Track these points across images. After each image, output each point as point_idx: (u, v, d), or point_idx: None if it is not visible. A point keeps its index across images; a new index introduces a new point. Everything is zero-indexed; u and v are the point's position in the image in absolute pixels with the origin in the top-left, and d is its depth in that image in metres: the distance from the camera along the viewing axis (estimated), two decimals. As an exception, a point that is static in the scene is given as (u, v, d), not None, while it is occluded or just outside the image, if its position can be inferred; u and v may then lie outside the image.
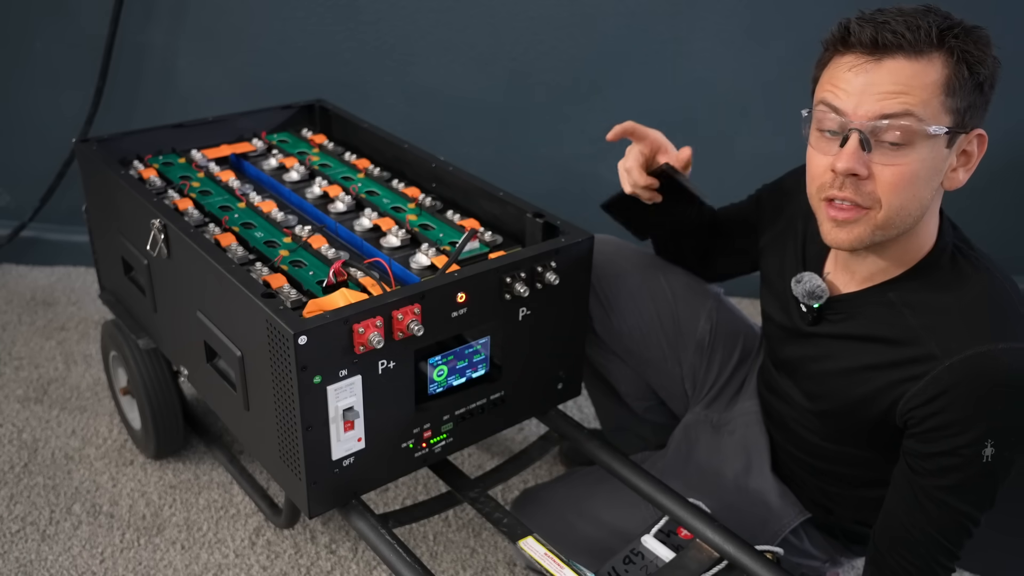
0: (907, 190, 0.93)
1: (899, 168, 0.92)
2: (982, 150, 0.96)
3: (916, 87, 0.90)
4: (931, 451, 0.95)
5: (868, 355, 1.01)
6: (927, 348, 0.95)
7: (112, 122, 2.01)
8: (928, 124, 0.90)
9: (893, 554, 1.00)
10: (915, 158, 0.91)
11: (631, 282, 1.32)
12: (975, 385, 0.91)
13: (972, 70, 0.90)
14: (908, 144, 0.91)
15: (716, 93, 1.99)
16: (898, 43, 0.90)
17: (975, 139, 0.95)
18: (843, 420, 1.07)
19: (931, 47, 0.90)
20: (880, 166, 0.92)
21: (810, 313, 1.08)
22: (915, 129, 0.90)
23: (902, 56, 0.90)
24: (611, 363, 1.39)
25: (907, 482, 0.98)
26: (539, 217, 1.25)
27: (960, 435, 0.93)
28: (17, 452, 1.62)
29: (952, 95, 0.90)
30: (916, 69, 0.90)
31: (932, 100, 0.90)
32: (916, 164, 0.91)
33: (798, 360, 1.12)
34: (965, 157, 0.96)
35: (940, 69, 0.90)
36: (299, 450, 1.03)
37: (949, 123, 0.91)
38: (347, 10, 1.94)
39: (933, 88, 0.90)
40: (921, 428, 0.95)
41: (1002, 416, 0.92)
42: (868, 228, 0.95)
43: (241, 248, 1.25)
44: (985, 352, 0.91)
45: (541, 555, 1.07)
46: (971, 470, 0.94)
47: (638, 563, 1.10)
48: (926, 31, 0.89)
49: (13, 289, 2.13)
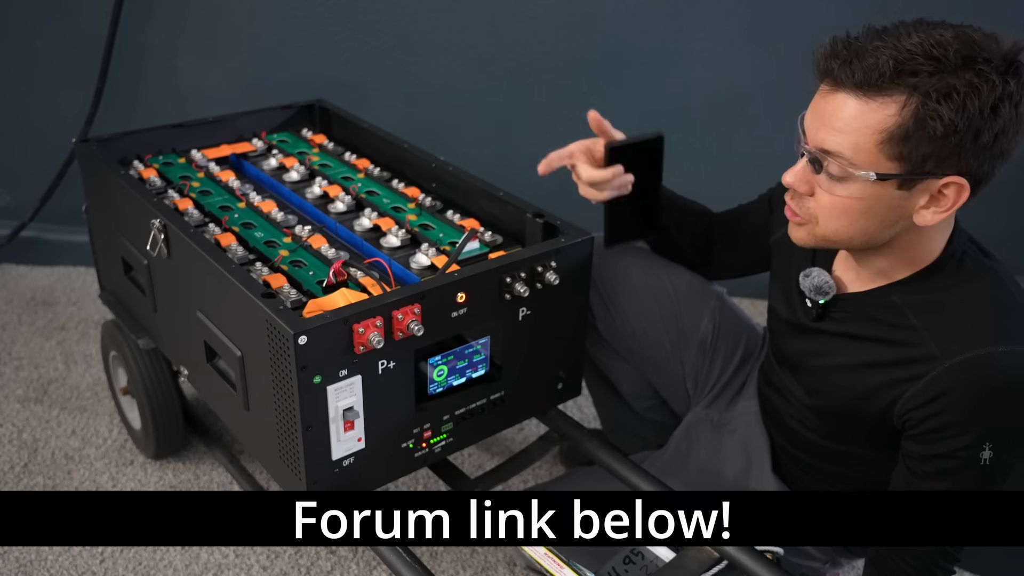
0: (841, 217, 0.94)
1: (833, 198, 0.93)
2: (960, 197, 0.90)
3: (854, 129, 0.88)
4: (929, 453, 0.95)
5: (869, 354, 1.01)
6: (927, 349, 0.95)
7: (112, 122, 2.01)
8: (858, 169, 0.89)
9: (893, 555, 1.01)
10: (850, 193, 0.92)
11: (634, 280, 1.32)
12: (974, 387, 0.91)
13: (922, 123, 0.85)
14: (844, 179, 0.91)
15: (716, 93, 1.99)
16: (849, 80, 0.88)
17: (951, 185, 0.89)
18: (841, 418, 1.07)
19: (882, 90, 0.86)
20: (820, 190, 0.94)
21: (815, 308, 1.08)
22: (844, 169, 0.90)
23: (852, 94, 0.88)
24: (613, 362, 1.39)
25: (906, 484, 0.98)
26: (539, 217, 1.25)
27: (958, 437, 0.92)
28: (17, 452, 1.62)
29: (898, 143, 0.87)
30: (861, 110, 0.87)
31: (868, 145, 0.88)
32: (850, 200, 0.92)
33: (800, 355, 1.12)
34: (941, 197, 0.90)
35: (889, 114, 0.86)
36: (299, 450, 1.03)
37: (893, 169, 0.88)
38: (347, 10, 1.94)
39: (872, 133, 0.87)
40: (919, 429, 0.95)
41: (1001, 419, 0.92)
42: (810, 236, 0.99)
43: (241, 248, 1.25)
44: (985, 354, 0.91)
45: (541, 555, 1.07)
46: (969, 473, 0.93)
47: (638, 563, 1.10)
48: (880, 73, 0.85)
49: (13, 289, 2.13)
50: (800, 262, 1.13)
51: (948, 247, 0.99)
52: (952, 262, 0.99)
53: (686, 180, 1.55)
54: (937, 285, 0.98)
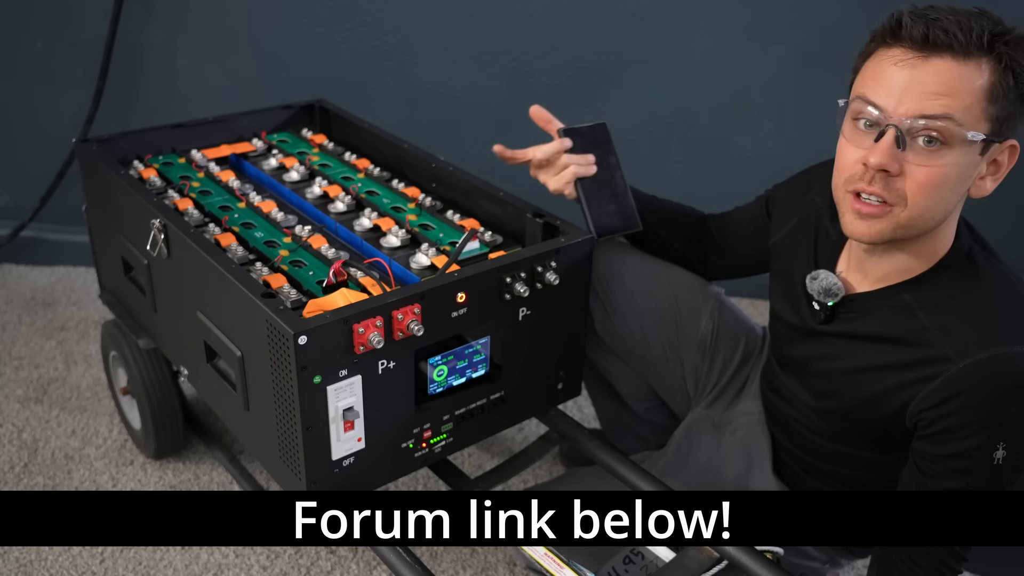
0: (935, 192, 0.92)
1: (931, 169, 0.91)
2: (1012, 161, 0.94)
3: (960, 90, 0.89)
4: (942, 453, 0.95)
5: (880, 355, 1.01)
6: (940, 349, 0.94)
7: (112, 122, 2.01)
8: (967, 129, 0.89)
9: (900, 555, 1.00)
10: (948, 161, 0.90)
11: (632, 282, 1.32)
12: (989, 387, 0.91)
13: (1017, 79, 0.89)
14: (944, 146, 0.90)
15: (716, 93, 1.99)
16: (948, 43, 0.88)
17: (1007, 149, 0.94)
18: (850, 421, 1.07)
19: (980, 51, 0.88)
20: (912, 165, 0.91)
21: (823, 311, 1.08)
22: (953, 132, 0.89)
23: (950, 57, 0.89)
24: (612, 364, 1.39)
25: (915, 484, 0.98)
26: (539, 217, 1.25)
27: (972, 437, 0.92)
28: (17, 452, 1.62)
29: (994, 102, 0.89)
30: (962, 72, 0.89)
31: (974, 105, 0.89)
32: (948, 167, 0.91)
33: (806, 358, 1.12)
34: (995, 166, 0.95)
35: (986, 75, 0.89)
36: (299, 450, 1.03)
37: (987, 130, 0.90)
38: (347, 10, 1.94)
39: (977, 93, 0.89)
40: (932, 430, 0.95)
41: (1015, 418, 0.92)
42: (890, 226, 0.95)
43: (241, 248, 1.25)
44: (999, 355, 0.91)
45: (541, 555, 1.07)
46: (981, 472, 0.93)
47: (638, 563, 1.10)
48: (978, 34, 0.88)
49: (13, 289, 2.13)
50: (804, 265, 1.13)
51: (955, 243, 0.99)
52: (959, 259, 0.99)
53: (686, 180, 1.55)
54: (945, 283, 0.98)
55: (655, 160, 2.06)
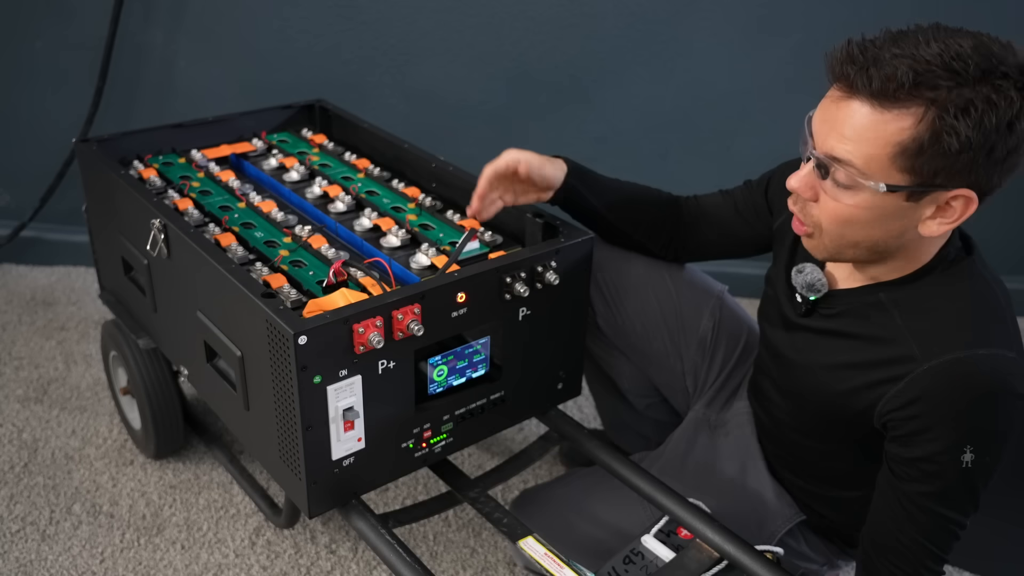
0: (845, 226, 0.93)
1: (839, 205, 0.92)
2: (969, 209, 0.89)
3: (867, 139, 0.86)
4: (911, 456, 0.94)
5: (850, 353, 1.01)
6: (908, 349, 0.94)
7: (112, 122, 2.01)
8: (868, 179, 0.88)
9: (882, 559, 1.00)
10: (856, 203, 0.90)
11: (635, 276, 1.32)
12: (954, 390, 0.91)
13: (937, 138, 0.83)
14: (851, 188, 0.90)
15: (716, 93, 1.99)
16: (863, 90, 0.85)
17: (962, 198, 0.88)
18: (819, 417, 1.07)
19: (899, 102, 0.84)
20: (825, 196, 0.93)
21: (804, 304, 1.08)
22: (853, 178, 0.89)
23: (867, 103, 0.85)
24: (614, 358, 1.39)
25: (891, 488, 0.98)
26: (539, 217, 1.25)
27: (937, 440, 0.92)
28: (17, 452, 1.62)
29: (911, 156, 0.85)
30: (875, 120, 0.85)
31: (880, 156, 0.86)
32: (856, 209, 0.91)
33: (784, 349, 1.12)
34: (947, 209, 0.89)
35: (904, 127, 0.84)
36: (299, 450, 1.03)
37: (903, 181, 0.87)
38: (347, 10, 1.94)
39: (885, 145, 0.85)
40: (901, 432, 0.95)
41: (980, 422, 0.91)
42: (818, 247, 0.98)
43: (241, 248, 1.25)
44: (964, 357, 0.90)
45: (541, 555, 1.07)
46: (951, 477, 0.93)
47: (638, 563, 1.10)
48: (899, 84, 0.83)
49: (13, 289, 2.13)
50: (792, 255, 1.13)
51: (941, 250, 0.99)
52: (942, 264, 0.98)
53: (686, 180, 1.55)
54: (925, 287, 0.98)
55: (655, 160, 2.06)
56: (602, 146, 2.02)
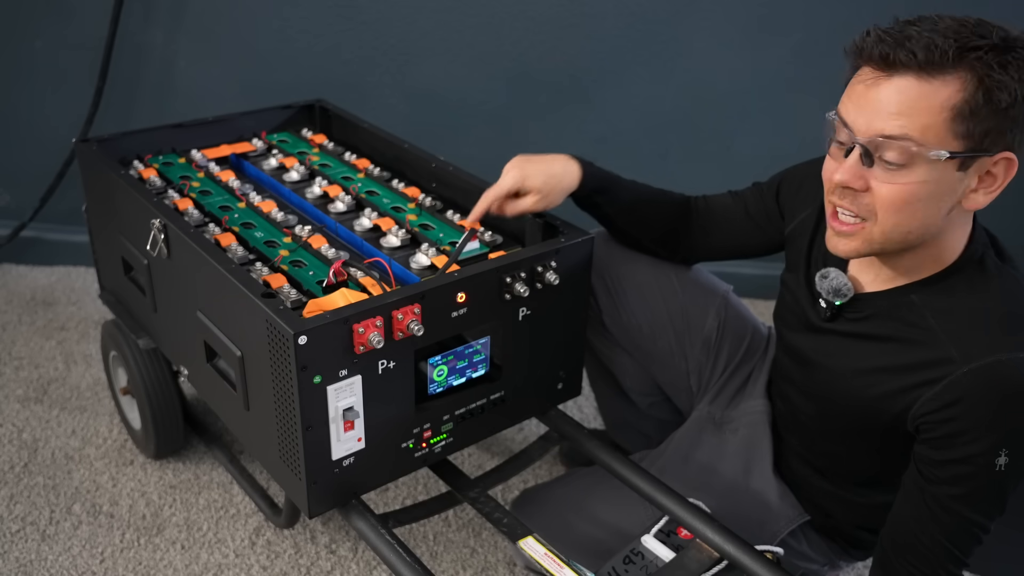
0: (903, 209, 0.92)
1: (896, 187, 0.90)
2: (1010, 174, 0.91)
3: (920, 110, 0.87)
4: (944, 458, 0.94)
5: (883, 356, 1.00)
6: (945, 352, 0.94)
7: (112, 122, 2.01)
8: (928, 149, 0.87)
9: (901, 559, 1.00)
10: (914, 179, 0.89)
11: (640, 275, 1.32)
12: (993, 393, 0.90)
13: (990, 95, 0.85)
14: (907, 165, 0.89)
15: (716, 93, 1.99)
16: (908, 62, 0.86)
17: (1002, 162, 0.90)
18: (851, 421, 1.06)
19: (945, 69, 0.86)
20: (878, 182, 0.91)
21: (829, 309, 1.08)
22: (913, 151, 0.88)
23: (912, 75, 0.87)
24: (616, 356, 1.39)
25: (918, 489, 0.97)
26: (539, 217, 1.25)
27: (975, 443, 0.92)
28: (17, 452, 1.62)
29: (966, 119, 0.86)
30: (924, 91, 0.86)
31: (937, 124, 0.87)
32: (914, 185, 0.90)
33: (809, 353, 1.11)
34: (989, 178, 0.91)
35: (954, 91, 0.86)
36: (299, 450, 1.03)
37: (959, 147, 0.88)
38: (347, 10, 1.94)
39: (940, 111, 0.86)
40: (935, 434, 0.94)
41: (1018, 425, 0.91)
42: (864, 243, 0.96)
43: (241, 248, 1.25)
44: (1005, 360, 0.90)
45: (541, 555, 1.07)
46: (984, 479, 0.93)
47: (638, 563, 1.10)
48: (942, 51, 0.85)
49: (13, 289, 2.13)
50: (815, 259, 1.12)
51: (968, 247, 0.98)
52: (972, 263, 0.98)
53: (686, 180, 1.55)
54: (956, 287, 0.97)
55: (655, 160, 2.06)
56: (602, 146, 2.02)
